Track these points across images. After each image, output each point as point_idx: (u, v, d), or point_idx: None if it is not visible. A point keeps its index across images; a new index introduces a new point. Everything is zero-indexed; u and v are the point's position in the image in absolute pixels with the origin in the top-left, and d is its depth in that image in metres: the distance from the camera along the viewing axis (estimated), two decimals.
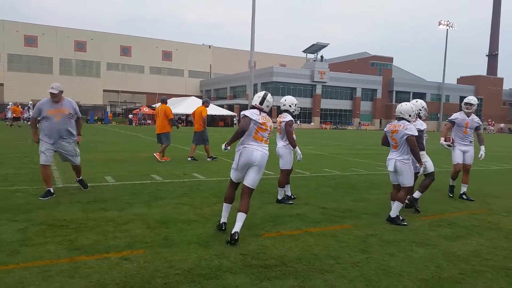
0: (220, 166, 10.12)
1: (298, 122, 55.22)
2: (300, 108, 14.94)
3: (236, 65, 76.14)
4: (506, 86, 78.12)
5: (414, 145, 5.09)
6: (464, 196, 6.85)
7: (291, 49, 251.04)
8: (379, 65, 67.12)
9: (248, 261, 3.66)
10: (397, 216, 5.14)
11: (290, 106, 6.16)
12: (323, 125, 60.39)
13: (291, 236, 4.46)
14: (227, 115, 51.12)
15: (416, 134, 5.16)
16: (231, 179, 4.61)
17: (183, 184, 7.47)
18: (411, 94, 66.81)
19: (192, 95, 58.43)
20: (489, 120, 67.04)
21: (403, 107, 5.34)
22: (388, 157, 5.38)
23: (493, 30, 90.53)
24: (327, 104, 62.02)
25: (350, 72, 65.49)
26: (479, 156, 6.96)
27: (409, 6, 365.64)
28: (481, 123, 7.09)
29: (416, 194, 5.98)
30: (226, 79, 69.86)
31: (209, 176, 8.46)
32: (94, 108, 54.63)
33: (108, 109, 60.19)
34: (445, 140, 6.89)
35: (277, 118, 6.29)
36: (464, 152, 6.93)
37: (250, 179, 4.37)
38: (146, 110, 49.44)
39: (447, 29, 63.98)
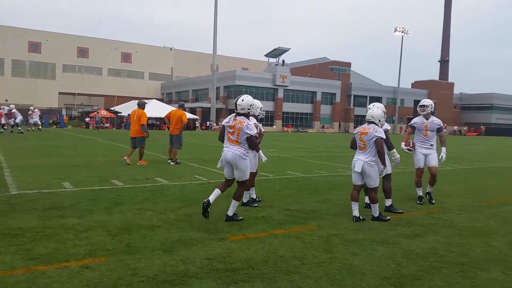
0: (184, 171, 9.99)
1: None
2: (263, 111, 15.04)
3: (198, 68, 75.57)
4: (456, 91, 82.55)
5: (382, 147, 5.37)
6: (427, 196, 6.88)
7: (253, 53, 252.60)
8: (338, 70, 68.90)
9: (215, 265, 3.63)
10: (380, 214, 5.54)
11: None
12: (285, 128, 61.08)
13: (257, 239, 4.48)
14: (189, 118, 50.49)
15: (385, 137, 5.43)
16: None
17: (145, 189, 7.31)
18: (368, 98, 69.06)
19: (153, 98, 57.37)
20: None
21: (375, 112, 5.58)
22: (354, 158, 5.56)
23: (444, 37, 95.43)
24: (289, 107, 62.83)
25: (310, 77, 66.76)
26: (440, 157, 6.86)
27: (367, 13, 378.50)
28: (442, 125, 7.02)
29: (388, 203, 6.13)
30: (188, 82, 69.14)
31: (173, 181, 8.33)
32: (49, 112, 52.37)
33: (64, 112, 57.83)
34: (405, 145, 6.78)
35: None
36: (426, 156, 6.84)
37: (235, 175, 5.24)
38: (104, 113, 47.98)
39: (402, 36, 66.78)
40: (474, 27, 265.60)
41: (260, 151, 6.08)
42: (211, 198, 5.06)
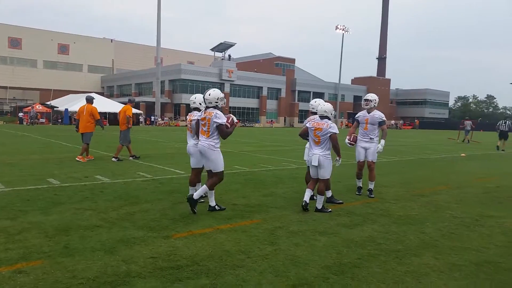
0: (126, 168, 9.68)
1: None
2: None
3: (142, 61, 73.26)
4: (392, 86, 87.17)
5: (337, 142, 5.66)
6: (368, 193, 7.01)
7: (199, 47, 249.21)
8: (283, 65, 70.06)
9: (159, 264, 3.57)
10: (323, 206, 5.73)
11: (200, 104, 6.19)
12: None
13: (203, 235, 4.45)
14: (133, 113, 48.89)
15: (338, 132, 5.66)
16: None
17: (84, 187, 6.99)
18: (311, 93, 71.12)
19: (92, 92, 54.74)
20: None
21: (326, 106, 5.86)
22: (310, 153, 5.81)
23: (382, 35, 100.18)
24: (236, 102, 62.92)
25: (256, 72, 67.27)
26: (376, 149, 6.99)
27: (310, 11, 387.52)
28: (383, 118, 7.14)
29: (328, 194, 6.34)
30: (130, 76, 66.75)
31: (114, 178, 8.03)
32: None
33: None
34: (348, 139, 6.90)
35: (187, 117, 6.31)
36: (365, 149, 7.02)
37: (209, 166, 5.53)
38: (39, 108, 45.07)
39: (343, 33, 69.22)
40: (410, 26, 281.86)
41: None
42: (196, 194, 5.35)
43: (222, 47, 62.89)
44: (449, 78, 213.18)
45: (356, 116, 7.37)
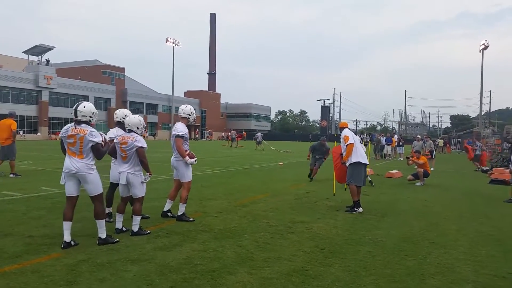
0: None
1: (21, 132, 47.37)
2: (24, 116, 12.98)
3: None
4: (222, 101, 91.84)
5: (144, 156, 5.19)
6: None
7: (10, 49, 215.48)
8: (111, 74, 66.04)
9: None
10: (140, 228, 5.24)
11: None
12: (53, 136, 54.24)
13: None
14: None
15: (145, 146, 5.23)
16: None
17: None
18: (145, 104, 69.09)
19: None
20: (209, 130, 78.09)
21: (132, 120, 5.43)
22: (118, 170, 5.28)
23: (211, 52, 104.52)
24: (57, 112, 56.09)
25: (81, 79, 61.63)
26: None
27: (141, 19, 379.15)
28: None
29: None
30: None
31: None
32: None
33: None
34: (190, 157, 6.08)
35: None
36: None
37: (87, 190, 4.79)
38: None
39: (174, 46, 69.44)
40: (237, 45, 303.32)
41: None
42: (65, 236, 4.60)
43: (38, 50, 55.63)
44: (270, 93, 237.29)
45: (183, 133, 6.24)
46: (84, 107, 4.77)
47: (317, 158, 12.01)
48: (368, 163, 7.48)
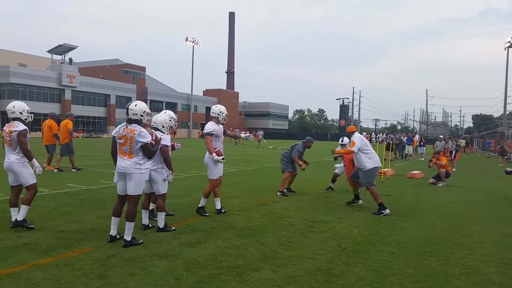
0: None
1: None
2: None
3: None
4: (240, 99, 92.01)
5: (167, 154, 5.37)
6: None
7: (34, 48, 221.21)
8: (132, 73, 67.10)
9: None
10: (165, 224, 5.36)
11: (21, 113, 5.32)
12: (75, 133, 55.51)
13: (11, 276, 3.61)
14: None
15: (169, 144, 5.42)
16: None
17: None
18: (164, 103, 69.84)
19: None
20: (231, 128, 78.20)
21: (158, 118, 5.62)
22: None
23: (230, 51, 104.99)
24: (79, 110, 57.23)
25: (102, 78, 62.78)
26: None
27: (161, 19, 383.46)
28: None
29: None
30: None
31: None
32: None
33: None
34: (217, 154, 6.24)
35: (4, 128, 5.33)
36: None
37: (127, 188, 4.71)
38: None
39: (193, 46, 70.03)
40: (255, 44, 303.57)
41: (34, 159, 5.35)
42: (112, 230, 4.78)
43: (62, 49, 56.84)
44: (288, 92, 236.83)
45: (211, 130, 6.42)
46: (136, 105, 4.77)
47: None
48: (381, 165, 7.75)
